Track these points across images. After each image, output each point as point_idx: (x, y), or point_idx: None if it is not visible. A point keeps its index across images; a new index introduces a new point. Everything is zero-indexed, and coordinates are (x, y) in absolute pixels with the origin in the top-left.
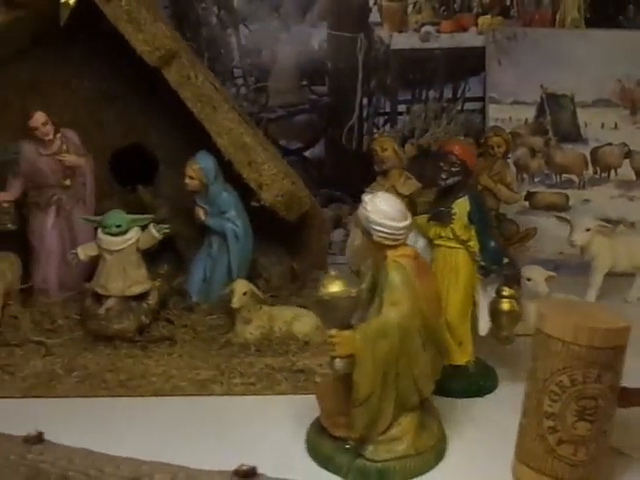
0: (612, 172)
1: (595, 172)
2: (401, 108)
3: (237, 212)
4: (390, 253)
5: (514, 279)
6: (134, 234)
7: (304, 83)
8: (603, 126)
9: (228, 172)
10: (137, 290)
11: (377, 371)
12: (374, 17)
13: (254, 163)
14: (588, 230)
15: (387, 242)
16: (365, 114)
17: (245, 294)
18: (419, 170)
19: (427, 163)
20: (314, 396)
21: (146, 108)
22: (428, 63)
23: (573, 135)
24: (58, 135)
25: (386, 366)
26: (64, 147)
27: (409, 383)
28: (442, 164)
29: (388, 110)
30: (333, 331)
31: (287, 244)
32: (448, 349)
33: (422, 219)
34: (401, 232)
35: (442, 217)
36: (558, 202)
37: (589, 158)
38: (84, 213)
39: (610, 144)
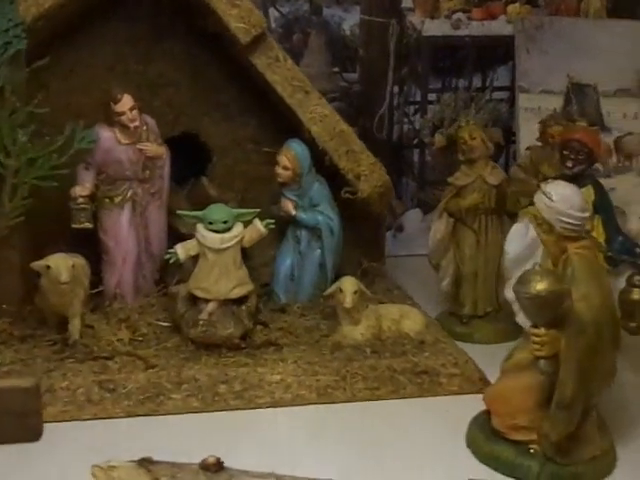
0: (634, 160)
1: (618, 161)
2: (431, 97)
3: (330, 204)
4: (571, 245)
5: None
6: (240, 230)
7: (335, 70)
8: (625, 116)
9: None
10: (241, 292)
11: (579, 370)
12: (406, 2)
13: (352, 152)
14: None
15: (570, 233)
16: (396, 103)
17: (355, 293)
18: (448, 160)
19: (456, 153)
20: (441, 398)
21: (199, 95)
22: (459, 51)
23: (597, 124)
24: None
25: (584, 364)
26: (145, 135)
27: (598, 381)
28: (567, 152)
29: (419, 99)
30: (541, 330)
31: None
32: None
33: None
34: (584, 223)
35: None
36: None
37: (613, 147)
38: (159, 208)
39: (631, 133)
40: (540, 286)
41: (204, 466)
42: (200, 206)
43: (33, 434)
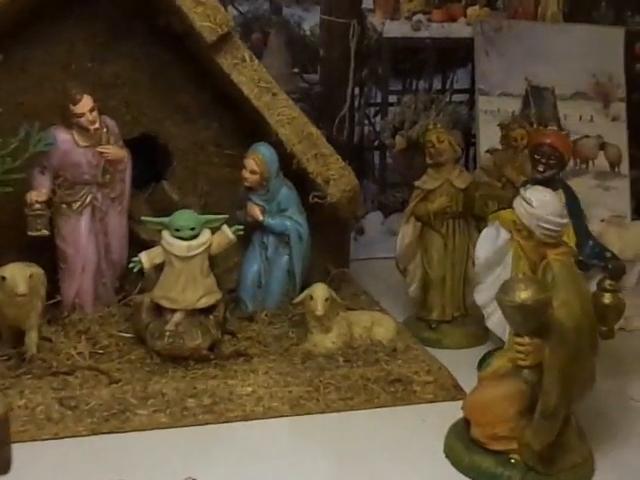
0: (590, 163)
1: (575, 164)
2: (392, 99)
3: (298, 210)
4: (550, 252)
5: (618, 272)
6: (207, 237)
7: (295, 70)
8: (581, 118)
9: None
10: (209, 301)
11: (562, 378)
12: (367, 3)
13: (321, 156)
14: (602, 221)
15: (549, 240)
16: (356, 104)
17: (327, 300)
18: (409, 162)
19: (416, 155)
20: (415, 406)
21: (158, 96)
22: (419, 53)
23: (555, 127)
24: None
25: (566, 371)
26: (105, 138)
27: (579, 387)
28: (538, 156)
29: (379, 100)
30: (526, 339)
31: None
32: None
33: (509, 213)
34: (563, 228)
35: None
36: None
37: None
38: (120, 214)
39: (587, 136)
40: (525, 295)
41: None
42: (161, 211)
43: (2, 467)
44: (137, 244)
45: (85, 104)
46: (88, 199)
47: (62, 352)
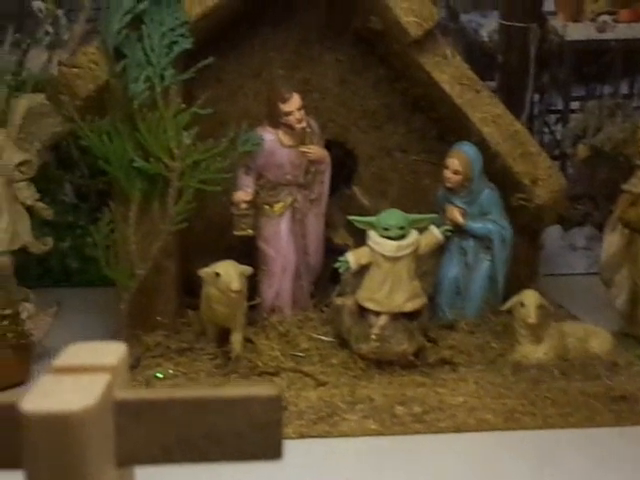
0: None
1: None
2: (574, 105)
3: (501, 213)
4: None
5: None
6: (415, 237)
7: None
8: None
9: None
10: (415, 305)
11: None
12: (548, 6)
13: (528, 154)
14: None
15: None
16: (536, 111)
17: (539, 308)
18: (591, 172)
19: (600, 164)
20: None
21: (346, 101)
22: (604, 56)
23: None
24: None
25: None
26: (308, 138)
27: None
28: None
29: (560, 107)
30: None
31: None
32: None
33: None
34: None
35: None
36: None
37: None
38: (317, 216)
39: None
40: None
41: None
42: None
43: (274, 451)
44: (329, 250)
45: (294, 102)
46: (290, 200)
47: (264, 353)
